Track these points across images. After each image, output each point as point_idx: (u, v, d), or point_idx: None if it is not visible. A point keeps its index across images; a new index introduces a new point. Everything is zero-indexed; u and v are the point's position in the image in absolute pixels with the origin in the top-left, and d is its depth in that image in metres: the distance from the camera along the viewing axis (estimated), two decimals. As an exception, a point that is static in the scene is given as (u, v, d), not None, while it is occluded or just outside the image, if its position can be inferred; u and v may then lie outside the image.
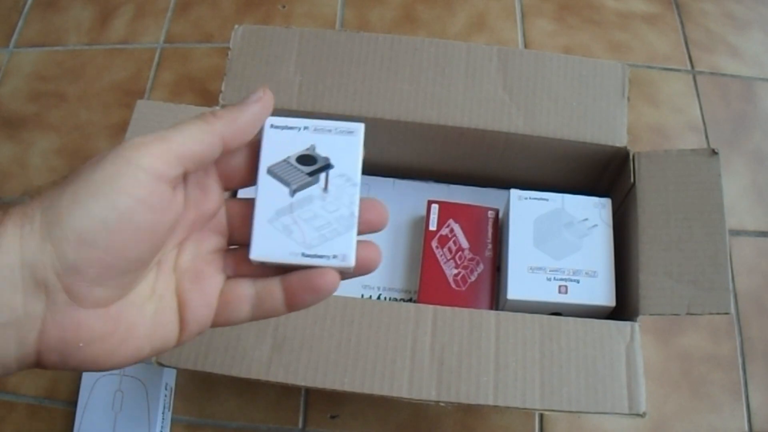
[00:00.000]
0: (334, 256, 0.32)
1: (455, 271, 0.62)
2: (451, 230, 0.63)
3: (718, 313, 0.52)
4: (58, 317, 0.27)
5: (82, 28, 0.92)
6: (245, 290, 0.33)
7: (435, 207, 0.64)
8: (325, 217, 0.33)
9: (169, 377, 0.67)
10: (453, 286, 0.61)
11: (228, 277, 0.33)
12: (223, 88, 0.61)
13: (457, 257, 0.62)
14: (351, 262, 0.32)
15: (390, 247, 0.67)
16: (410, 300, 0.64)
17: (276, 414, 0.67)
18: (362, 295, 0.64)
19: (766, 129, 0.80)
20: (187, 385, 0.68)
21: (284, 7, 0.91)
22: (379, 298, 0.65)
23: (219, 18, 0.91)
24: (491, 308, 0.61)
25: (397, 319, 0.53)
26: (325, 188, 0.33)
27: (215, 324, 0.33)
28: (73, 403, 0.67)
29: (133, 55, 0.89)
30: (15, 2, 0.95)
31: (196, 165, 0.30)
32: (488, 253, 0.62)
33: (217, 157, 0.31)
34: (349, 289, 0.65)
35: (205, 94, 0.85)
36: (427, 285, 0.61)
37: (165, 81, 0.87)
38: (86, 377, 0.67)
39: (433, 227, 0.63)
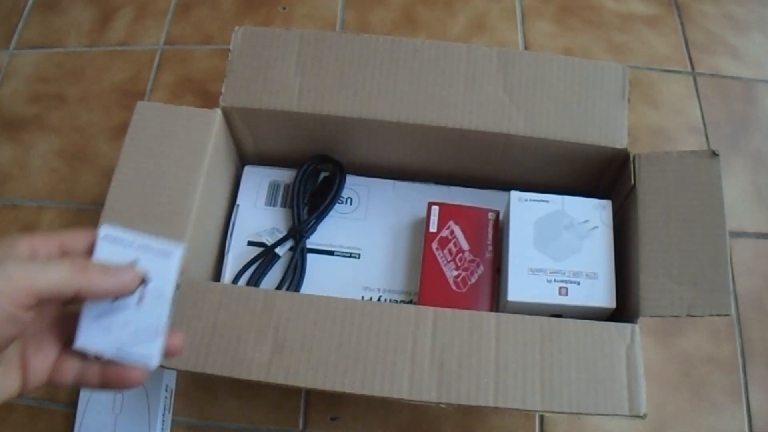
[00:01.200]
0: (142, 357, 0.38)
1: (455, 273, 0.62)
2: (452, 232, 0.63)
3: (718, 315, 0.52)
4: None
5: (82, 30, 0.92)
6: (72, 365, 0.40)
7: (435, 209, 0.64)
8: (137, 324, 0.38)
9: (170, 379, 0.67)
10: (453, 287, 0.61)
11: (63, 346, 0.40)
12: (223, 90, 0.61)
13: (457, 259, 0.62)
14: (154, 365, 0.38)
15: (390, 248, 0.67)
16: (410, 302, 0.64)
17: (276, 416, 0.67)
18: (363, 297, 0.64)
19: (766, 130, 0.80)
20: (188, 386, 0.68)
21: (284, 8, 0.91)
22: (379, 299, 0.64)
23: (219, 19, 0.91)
24: (491, 310, 0.61)
25: (398, 320, 0.53)
26: (140, 300, 0.38)
27: (47, 383, 0.40)
28: (74, 404, 0.66)
29: (134, 57, 0.89)
30: (15, 4, 0.95)
31: (50, 300, 0.35)
32: (488, 255, 0.62)
33: None
34: (349, 290, 0.65)
35: (205, 96, 0.85)
36: (427, 287, 0.61)
37: (165, 82, 0.87)
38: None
39: (433, 229, 0.63)
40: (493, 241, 0.63)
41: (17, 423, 0.68)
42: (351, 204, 0.68)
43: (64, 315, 0.40)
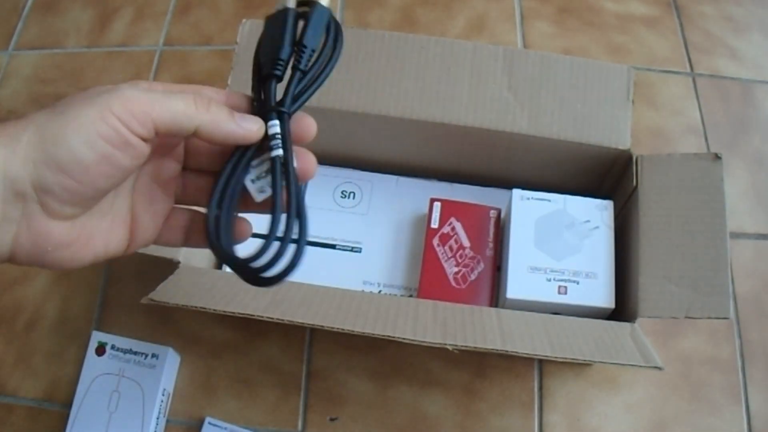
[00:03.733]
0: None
1: (456, 270, 0.62)
2: (453, 228, 0.63)
3: (717, 318, 0.52)
4: (32, 225, 0.31)
5: (81, 31, 0.92)
6: (182, 220, 0.39)
7: (437, 205, 0.64)
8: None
9: (168, 382, 0.67)
10: (453, 284, 0.61)
11: (174, 204, 0.39)
12: (229, 82, 0.61)
13: (457, 255, 0.62)
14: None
15: (391, 243, 0.67)
16: (410, 296, 0.65)
17: (275, 416, 0.67)
18: (363, 291, 0.65)
19: (765, 131, 0.80)
20: (187, 387, 0.68)
21: (284, 9, 0.91)
22: (379, 293, 0.65)
23: (218, 20, 0.91)
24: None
25: (397, 307, 0.53)
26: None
27: (156, 242, 0.38)
28: (72, 405, 0.66)
29: (133, 58, 0.89)
30: (14, 5, 0.95)
31: (168, 134, 0.33)
32: (489, 253, 0.62)
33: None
34: (350, 284, 0.65)
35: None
36: (427, 282, 0.62)
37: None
38: (84, 375, 0.67)
39: (434, 225, 0.63)
40: (494, 239, 0.63)
41: (16, 424, 0.68)
42: (354, 198, 0.69)
43: (175, 176, 0.38)
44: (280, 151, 0.35)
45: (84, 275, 0.74)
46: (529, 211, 0.61)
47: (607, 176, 0.65)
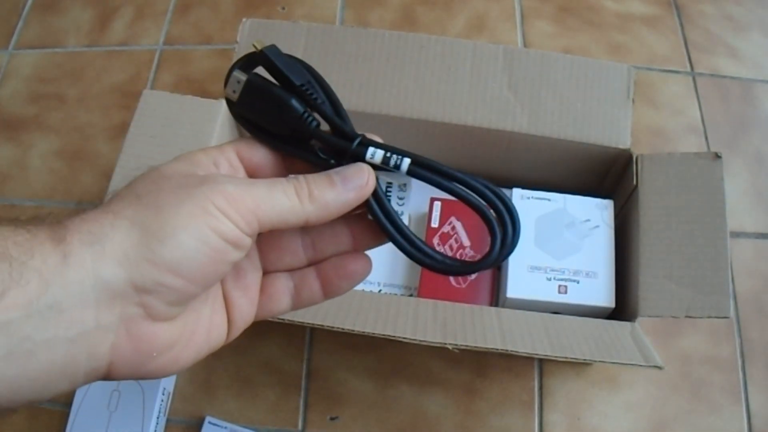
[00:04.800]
0: None
1: None
2: (453, 227, 0.63)
3: (717, 317, 0.52)
4: (133, 330, 0.28)
5: (81, 30, 0.92)
6: (284, 283, 0.35)
7: (437, 204, 0.64)
8: None
9: (168, 382, 0.67)
10: (453, 283, 0.61)
11: (264, 273, 0.35)
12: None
13: (458, 255, 0.62)
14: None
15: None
16: (410, 296, 0.65)
17: (275, 416, 0.67)
18: (363, 290, 0.65)
19: (765, 131, 0.80)
20: (186, 386, 0.68)
21: (284, 8, 0.91)
22: (379, 293, 0.65)
23: (218, 20, 0.91)
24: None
25: (397, 306, 0.53)
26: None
27: (258, 317, 0.35)
28: (72, 404, 0.66)
29: (133, 57, 0.89)
30: (14, 4, 0.95)
31: (272, 229, 0.31)
32: None
33: None
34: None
35: (204, 96, 0.85)
36: (427, 281, 0.62)
37: (164, 83, 0.87)
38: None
39: (435, 224, 0.63)
40: None
41: (17, 422, 0.68)
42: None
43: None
44: (406, 160, 0.32)
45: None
46: (529, 211, 0.61)
47: (607, 175, 0.65)
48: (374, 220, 0.33)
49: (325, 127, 0.33)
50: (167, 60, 0.88)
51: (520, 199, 0.61)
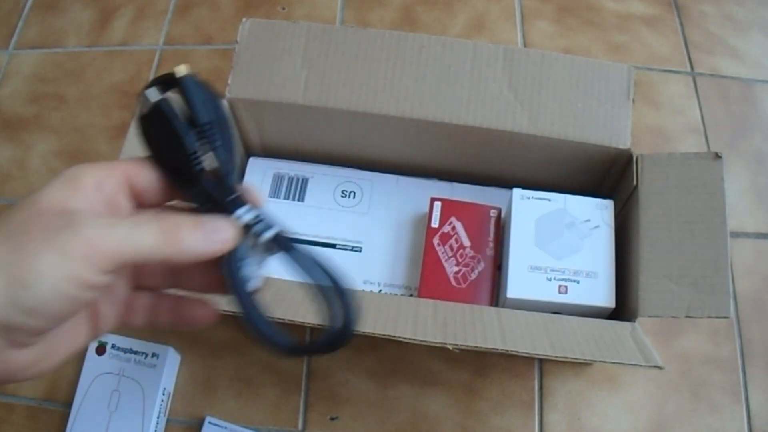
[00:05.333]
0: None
1: (456, 269, 0.62)
2: (453, 228, 0.63)
3: (717, 317, 0.52)
4: None
5: (81, 30, 0.92)
6: (144, 303, 0.37)
7: (438, 204, 0.64)
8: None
9: (168, 382, 0.67)
10: (453, 283, 0.61)
11: (132, 288, 0.37)
12: (229, 82, 0.61)
13: (458, 255, 0.62)
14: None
15: (392, 243, 0.67)
16: (411, 296, 0.65)
17: (275, 416, 0.67)
18: (363, 290, 0.65)
19: (766, 131, 0.80)
20: (187, 386, 0.68)
21: (284, 8, 0.91)
22: (380, 293, 0.65)
23: (219, 20, 0.91)
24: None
25: (398, 306, 0.53)
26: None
27: (117, 327, 0.37)
28: (72, 404, 0.66)
29: (133, 57, 0.89)
30: (15, 4, 0.95)
31: (134, 266, 0.33)
32: (489, 252, 0.62)
33: None
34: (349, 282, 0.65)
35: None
36: (427, 281, 0.62)
37: (165, 82, 0.87)
38: (85, 374, 0.67)
39: (435, 224, 0.63)
40: (495, 238, 0.63)
41: (17, 423, 0.68)
42: (354, 198, 0.69)
43: None
44: (272, 230, 0.34)
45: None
46: (529, 211, 0.61)
47: (607, 175, 0.65)
48: (225, 277, 0.34)
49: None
50: (167, 60, 0.88)
51: (521, 199, 0.61)
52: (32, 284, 0.29)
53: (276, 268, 0.39)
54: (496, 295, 0.62)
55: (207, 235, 0.32)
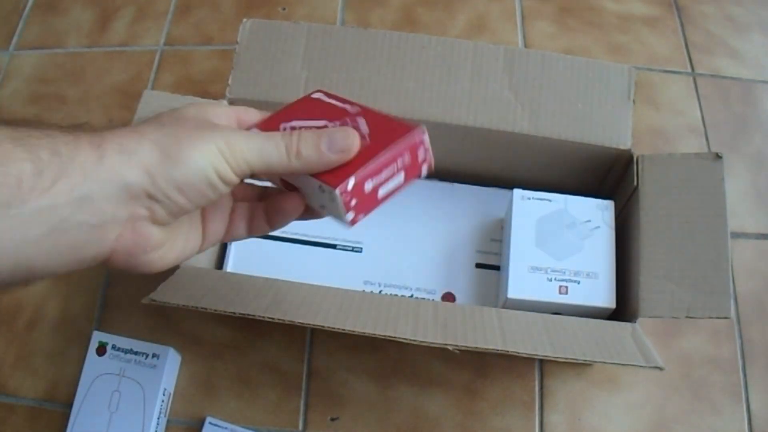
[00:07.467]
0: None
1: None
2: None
3: (717, 318, 0.52)
4: (137, 227, 0.35)
5: (82, 31, 0.92)
6: (242, 213, 0.43)
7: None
8: None
9: (168, 382, 0.67)
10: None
11: (233, 204, 0.43)
12: (230, 82, 0.61)
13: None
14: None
15: (392, 243, 0.67)
16: (411, 296, 0.65)
17: (276, 416, 0.67)
18: (363, 291, 0.65)
19: (766, 131, 0.80)
20: (187, 387, 0.68)
21: (284, 9, 0.91)
22: (380, 294, 0.65)
23: (219, 20, 0.91)
24: None
25: (398, 306, 0.53)
26: None
27: (223, 239, 0.43)
28: (73, 405, 0.66)
29: (134, 58, 0.89)
30: (15, 5, 0.95)
31: (262, 174, 0.39)
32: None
33: None
34: (350, 284, 0.65)
35: (205, 97, 0.85)
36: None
37: (165, 83, 0.87)
38: (85, 375, 0.67)
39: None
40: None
41: (17, 424, 0.68)
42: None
43: None
44: None
45: (85, 275, 0.74)
46: (530, 211, 0.61)
47: (607, 176, 0.65)
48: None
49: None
50: (168, 60, 0.88)
51: (521, 199, 0.61)
52: (184, 162, 0.34)
53: (277, 268, 0.39)
54: (497, 296, 0.62)
55: (330, 147, 0.37)
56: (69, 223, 0.32)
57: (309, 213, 0.42)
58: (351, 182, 0.36)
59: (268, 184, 0.44)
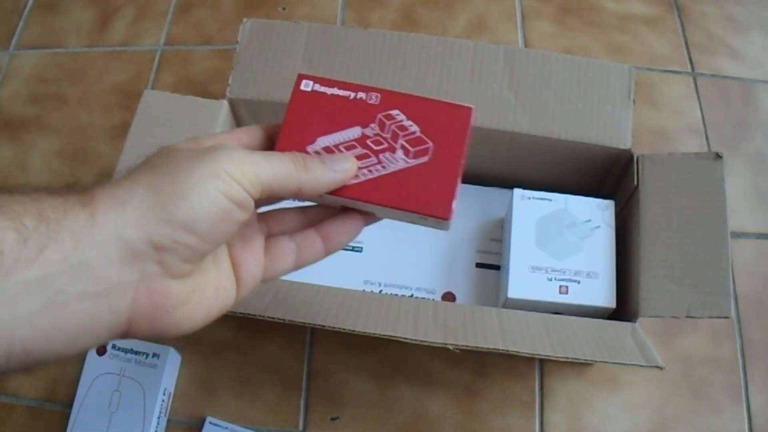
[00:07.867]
0: None
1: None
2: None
3: (717, 317, 0.52)
4: (151, 285, 0.31)
5: (82, 31, 0.92)
6: (286, 244, 0.39)
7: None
8: None
9: (168, 382, 0.67)
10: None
11: (268, 237, 0.39)
12: (230, 82, 0.61)
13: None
14: None
15: (392, 243, 0.67)
16: (411, 296, 0.65)
17: (276, 416, 0.67)
18: (364, 290, 0.65)
19: (766, 131, 0.80)
20: (187, 386, 0.68)
21: (284, 9, 0.91)
22: (380, 293, 0.65)
23: (219, 20, 0.91)
24: None
25: (398, 307, 0.53)
26: None
27: (265, 278, 0.39)
28: (73, 405, 0.66)
29: (134, 57, 0.89)
30: (15, 4, 0.95)
31: (271, 194, 0.34)
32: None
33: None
34: (351, 283, 0.65)
35: (205, 96, 0.85)
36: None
37: (165, 83, 0.87)
38: (85, 374, 0.67)
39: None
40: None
41: (17, 423, 0.68)
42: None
43: (256, 213, 0.40)
44: None
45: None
46: (530, 211, 0.61)
47: (608, 176, 0.65)
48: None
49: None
50: (168, 60, 0.88)
51: (521, 199, 0.61)
52: (183, 198, 0.30)
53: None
54: (497, 296, 0.62)
55: (333, 166, 0.36)
56: (67, 295, 0.28)
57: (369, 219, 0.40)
58: (454, 204, 0.37)
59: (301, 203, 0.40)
